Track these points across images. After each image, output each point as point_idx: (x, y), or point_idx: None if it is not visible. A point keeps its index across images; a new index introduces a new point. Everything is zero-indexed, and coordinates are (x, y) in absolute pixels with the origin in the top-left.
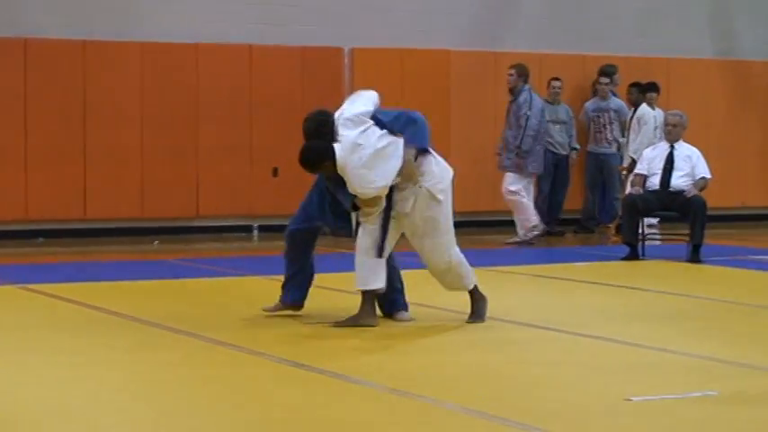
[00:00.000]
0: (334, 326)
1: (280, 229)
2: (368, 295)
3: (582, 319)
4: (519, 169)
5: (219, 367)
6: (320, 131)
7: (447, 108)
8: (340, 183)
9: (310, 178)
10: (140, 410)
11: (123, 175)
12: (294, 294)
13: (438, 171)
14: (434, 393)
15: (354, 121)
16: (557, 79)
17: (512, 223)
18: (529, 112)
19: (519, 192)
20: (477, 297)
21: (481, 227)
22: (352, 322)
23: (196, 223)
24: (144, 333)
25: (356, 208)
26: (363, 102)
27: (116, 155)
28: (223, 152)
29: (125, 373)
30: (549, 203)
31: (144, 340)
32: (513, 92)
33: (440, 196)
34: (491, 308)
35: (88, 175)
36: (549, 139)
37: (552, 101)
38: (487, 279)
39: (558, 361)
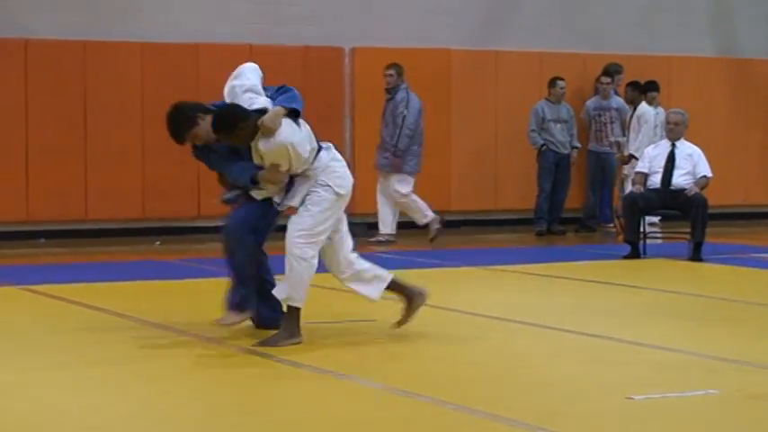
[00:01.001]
0: (259, 345)
1: (282, 229)
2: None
3: (583, 318)
4: (396, 168)
5: (224, 368)
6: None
7: (448, 107)
8: (232, 157)
9: None
10: (146, 412)
11: (124, 176)
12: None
13: (342, 172)
14: (436, 393)
15: (255, 91)
16: (561, 79)
17: (514, 222)
18: (406, 111)
19: (410, 194)
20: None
21: (481, 225)
22: (278, 342)
23: (198, 224)
24: (146, 334)
25: (255, 182)
26: (250, 75)
27: (117, 155)
28: None
29: (128, 375)
30: (550, 202)
31: (147, 341)
32: (391, 91)
33: (341, 191)
34: (492, 306)
35: (89, 176)
36: (551, 138)
37: (555, 100)
38: (487, 278)
39: (560, 360)
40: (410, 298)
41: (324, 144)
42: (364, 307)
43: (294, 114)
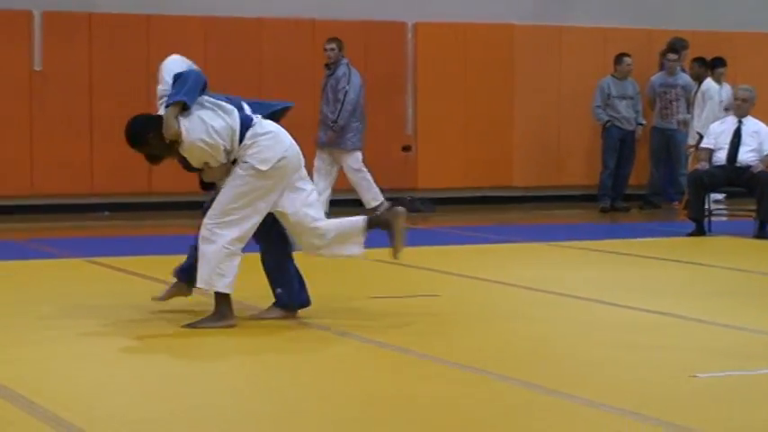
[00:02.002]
0: (188, 327)
1: (343, 203)
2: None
3: (646, 296)
4: (336, 145)
5: (293, 344)
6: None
7: (511, 83)
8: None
9: (375, 155)
10: (212, 384)
11: None
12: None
13: (265, 145)
14: (497, 369)
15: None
16: (628, 55)
17: (577, 198)
18: (347, 87)
19: (362, 169)
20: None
21: (544, 201)
22: (209, 323)
23: None
24: (210, 307)
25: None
26: (167, 77)
27: None
28: (287, 126)
29: (193, 348)
30: (614, 179)
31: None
32: (331, 66)
33: (261, 167)
34: (554, 282)
35: None
36: (616, 114)
37: (621, 76)
38: (550, 254)
39: (622, 337)
40: (389, 224)
41: (251, 120)
42: (427, 283)
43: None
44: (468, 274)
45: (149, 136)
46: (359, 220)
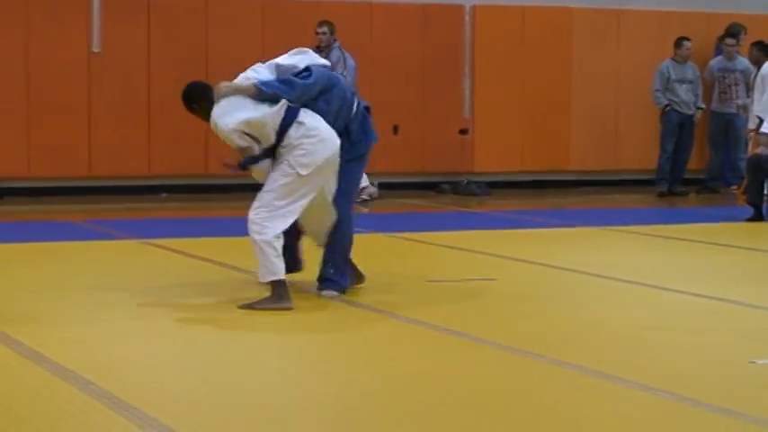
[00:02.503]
0: (245, 308)
1: (400, 186)
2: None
3: (702, 281)
4: None
5: (350, 326)
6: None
7: (569, 67)
8: None
9: (432, 138)
10: (265, 365)
11: None
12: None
13: (309, 149)
14: (553, 353)
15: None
16: (687, 39)
17: (635, 182)
18: (345, 71)
19: None
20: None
21: (601, 185)
22: (266, 305)
23: None
24: (265, 289)
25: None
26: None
27: None
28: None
29: (244, 328)
30: (672, 163)
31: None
32: (324, 50)
33: (302, 171)
34: (611, 267)
35: (210, 131)
36: (675, 98)
37: (681, 60)
38: (607, 238)
39: (679, 322)
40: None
41: (301, 117)
42: (484, 267)
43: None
44: (524, 258)
45: (193, 104)
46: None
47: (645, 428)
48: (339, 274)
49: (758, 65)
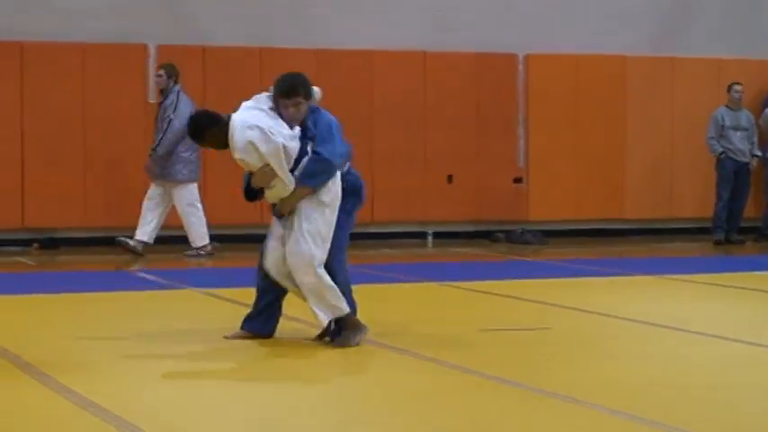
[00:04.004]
0: (335, 345)
1: (454, 236)
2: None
3: (761, 330)
4: (165, 178)
5: (403, 375)
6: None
7: (623, 115)
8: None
9: (486, 187)
10: (326, 413)
11: None
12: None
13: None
14: (608, 403)
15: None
16: (738, 83)
17: (691, 231)
18: (173, 116)
19: (195, 204)
20: (344, 324)
21: (656, 234)
22: (353, 339)
23: (370, 229)
24: (309, 336)
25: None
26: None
27: None
28: (397, 158)
29: (302, 374)
30: (728, 211)
31: (312, 345)
32: (164, 93)
33: (324, 198)
34: (668, 316)
35: None
36: (730, 146)
37: (733, 106)
38: (664, 287)
39: (736, 373)
40: (356, 328)
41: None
42: (538, 315)
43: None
44: (580, 306)
45: (206, 133)
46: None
47: None
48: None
49: None
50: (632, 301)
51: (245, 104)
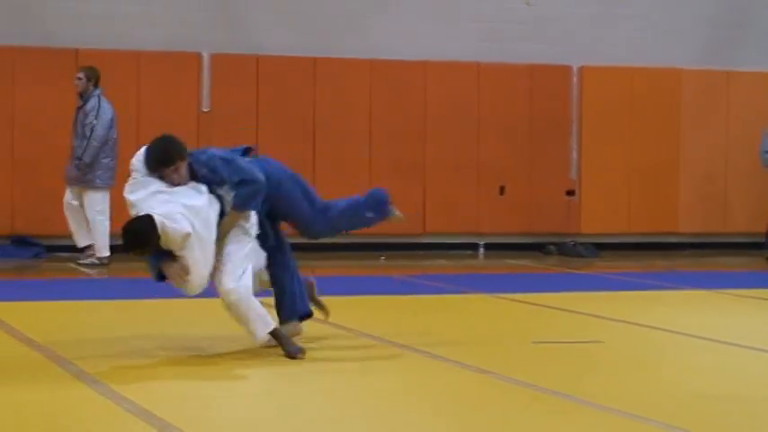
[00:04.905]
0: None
1: (506, 247)
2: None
3: None
4: (83, 183)
5: (455, 387)
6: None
7: (677, 128)
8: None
9: (538, 199)
10: (367, 425)
11: (351, 190)
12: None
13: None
14: (662, 417)
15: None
16: None
17: (744, 245)
18: (95, 121)
19: (104, 212)
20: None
21: (710, 248)
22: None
23: (423, 240)
24: (369, 347)
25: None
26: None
27: (344, 170)
28: (450, 169)
29: (352, 387)
30: None
31: (369, 354)
32: (83, 97)
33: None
34: (721, 330)
35: (316, 190)
36: None
37: None
38: (716, 302)
39: None
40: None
41: None
42: (591, 328)
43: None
44: (631, 320)
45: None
46: (268, 318)
47: None
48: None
49: None
50: (683, 316)
51: (136, 197)
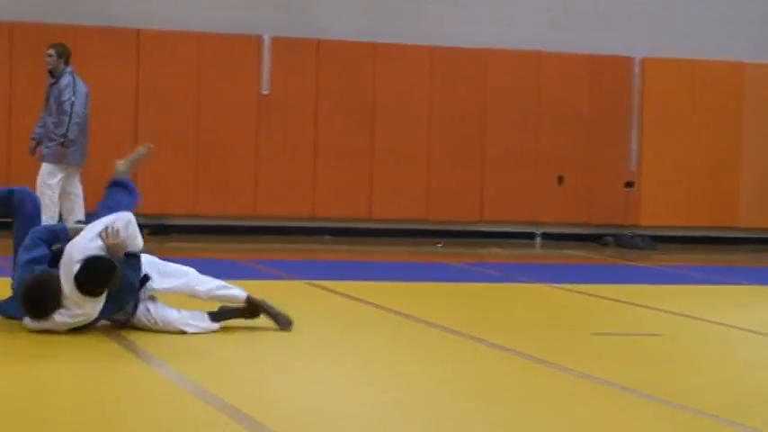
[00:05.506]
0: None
1: (563, 237)
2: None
3: None
4: (58, 159)
5: (514, 377)
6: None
7: (739, 122)
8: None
9: (597, 190)
10: (422, 411)
11: (409, 178)
12: None
13: None
14: (719, 412)
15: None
16: None
17: None
18: (74, 98)
19: (54, 186)
20: None
21: None
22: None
23: (479, 228)
24: (424, 333)
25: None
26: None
27: (403, 157)
28: (509, 158)
29: (406, 374)
30: None
31: (424, 340)
32: (54, 74)
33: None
34: None
35: (375, 176)
36: None
37: None
38: None
39: None
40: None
41: None
42: (649, 321)
43: None
44: (690, 314)
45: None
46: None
47: None
48: None
49: None
50: (743, 311)
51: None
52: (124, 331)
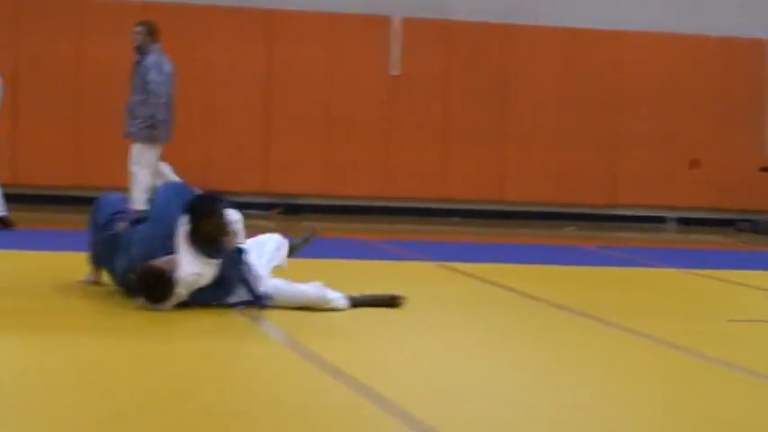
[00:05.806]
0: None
1: (697, 222)
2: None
3: None
4: (150, 140)
5: (647, 362)
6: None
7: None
8: None
9: (730, 174)
10: (550, 394)
11: (541, 160)
12: None
13: None
14: None
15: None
16: None
17: None
18: (159, 78)
19: (144, 165)
20: None
21: None
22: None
23: (613, 211)
24: (557, 317)
25: None
26: None
27: (534, 140)
28: (642, 141)
29: (539, 359)
30: None
31: (558, 325)
32: (141, 51)
33: None
34: None
35: (507, 158)
36: None
37: None
38: None
39: None
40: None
41: None
42: None
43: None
44: None
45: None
46: None
47: None
48: None
49: None
50: None
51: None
52: (257, 311)
